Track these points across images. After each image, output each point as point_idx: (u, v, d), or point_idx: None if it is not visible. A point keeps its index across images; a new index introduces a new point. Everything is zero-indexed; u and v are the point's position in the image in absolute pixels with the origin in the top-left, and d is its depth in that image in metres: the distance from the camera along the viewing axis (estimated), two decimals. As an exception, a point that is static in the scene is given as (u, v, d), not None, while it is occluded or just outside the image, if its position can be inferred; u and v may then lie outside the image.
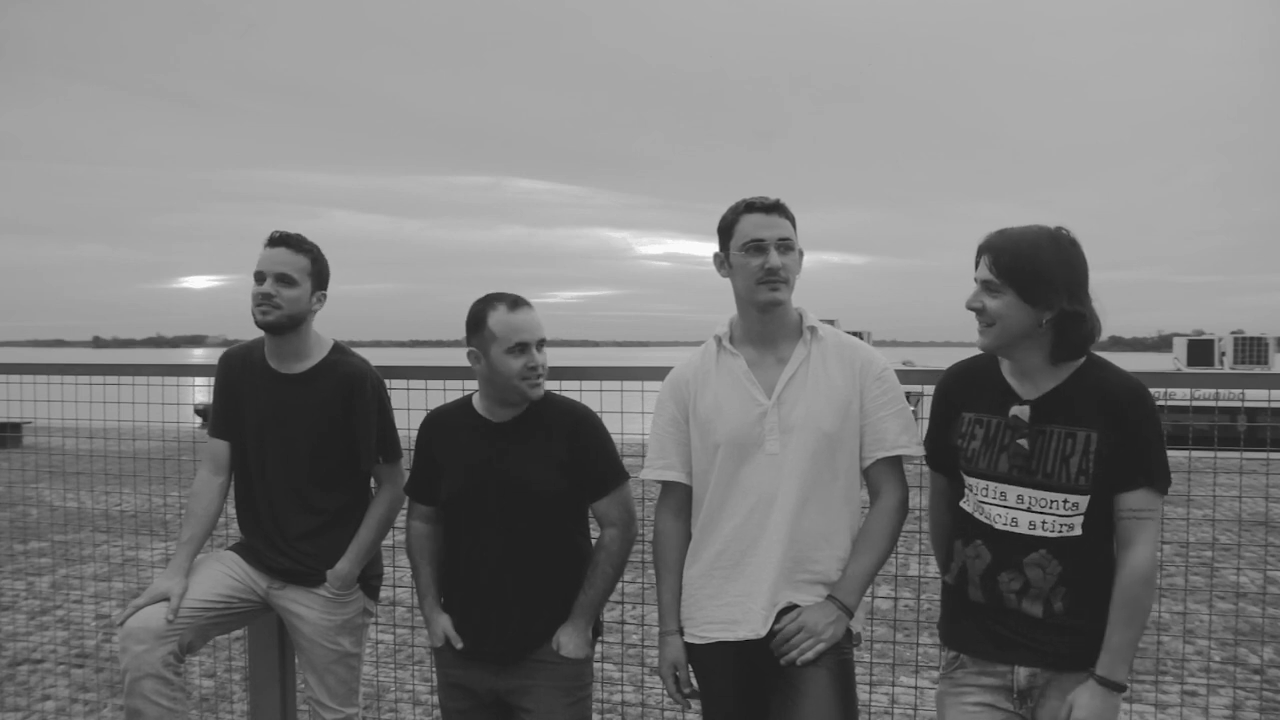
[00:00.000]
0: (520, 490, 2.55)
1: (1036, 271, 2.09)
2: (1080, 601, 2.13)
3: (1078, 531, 2.13)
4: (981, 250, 2.19)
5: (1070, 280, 2.11)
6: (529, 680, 2.55)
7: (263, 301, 2.82)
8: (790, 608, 2.35)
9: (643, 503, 2.88)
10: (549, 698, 2.53)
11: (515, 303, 2.58)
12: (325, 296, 2.95)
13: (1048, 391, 2.18)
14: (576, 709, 2.58)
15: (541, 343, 2.58)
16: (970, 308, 2.19)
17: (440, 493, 2.66)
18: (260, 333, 2.95)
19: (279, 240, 2.87)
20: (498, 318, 2.55)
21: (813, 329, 2.44)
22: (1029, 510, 2.15)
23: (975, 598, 2.23)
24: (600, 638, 2.71)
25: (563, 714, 2.54)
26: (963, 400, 2.30)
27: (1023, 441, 2.16)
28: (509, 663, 2.57)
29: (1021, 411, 2.17)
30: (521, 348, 2.53)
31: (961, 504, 2.30)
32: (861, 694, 2.72)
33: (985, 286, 2.16)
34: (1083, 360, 2.18)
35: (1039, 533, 2.14)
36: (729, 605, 2.39)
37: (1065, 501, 2.12)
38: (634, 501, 2.71)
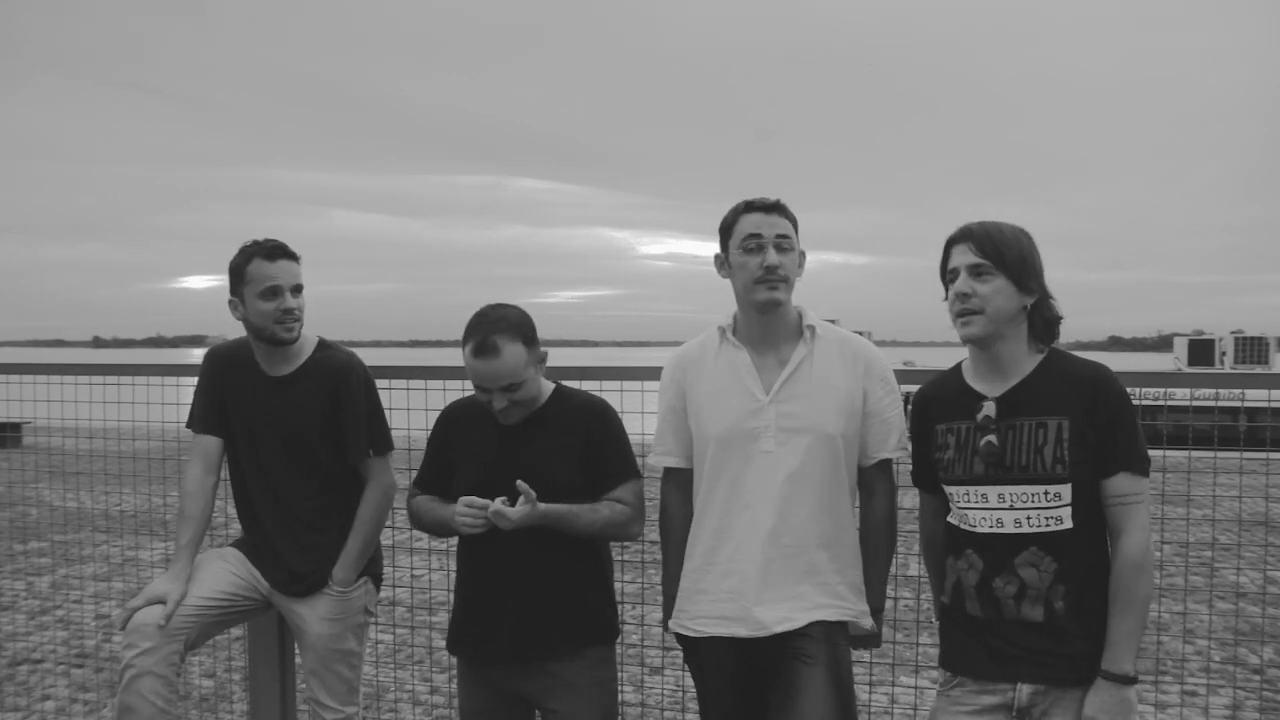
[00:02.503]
0: (534, 486, 2.53)
1: (1023, 257, 2.15)
2: (1082, 600, 2.10)
3: (1068, 524, 2.10)
4: (957, 239, 2.19)
5: (1041, 268, 2.19)
6: (551, 680, 2.54)
7: (284, 317, 2.80)
8: (811, 625, 2.34)
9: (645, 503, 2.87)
10: (571, 695, 2.52)
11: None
12: None
13: (1012, 386, 2.18)
14: (603, 702, 2.57)
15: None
16: (961, 293, 2.14)
17: (452, 488, 2.64)
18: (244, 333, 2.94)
19: (282, 252, 2.83)
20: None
21: (811, 328, 2.44)
22: (1011, 508, 2.13)
23: (973, 611, 2.19)
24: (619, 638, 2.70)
25: (588, 709, 2.53)
26: (935, 414, 2.30)
27: (991, 438, 2.15)
28: (524, 662, 2.55)
29: (988, 409, 2.17)
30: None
31: (948, 519, 2.28)
32: (861, 694, 2.72)
33: (974, 271, 2.13)
34: (1045, 353, 2.20)
35: (1025, 529, 2.12)
36: (721, 601, 2.39)
37: (1046, 493, 2.11)
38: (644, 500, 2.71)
